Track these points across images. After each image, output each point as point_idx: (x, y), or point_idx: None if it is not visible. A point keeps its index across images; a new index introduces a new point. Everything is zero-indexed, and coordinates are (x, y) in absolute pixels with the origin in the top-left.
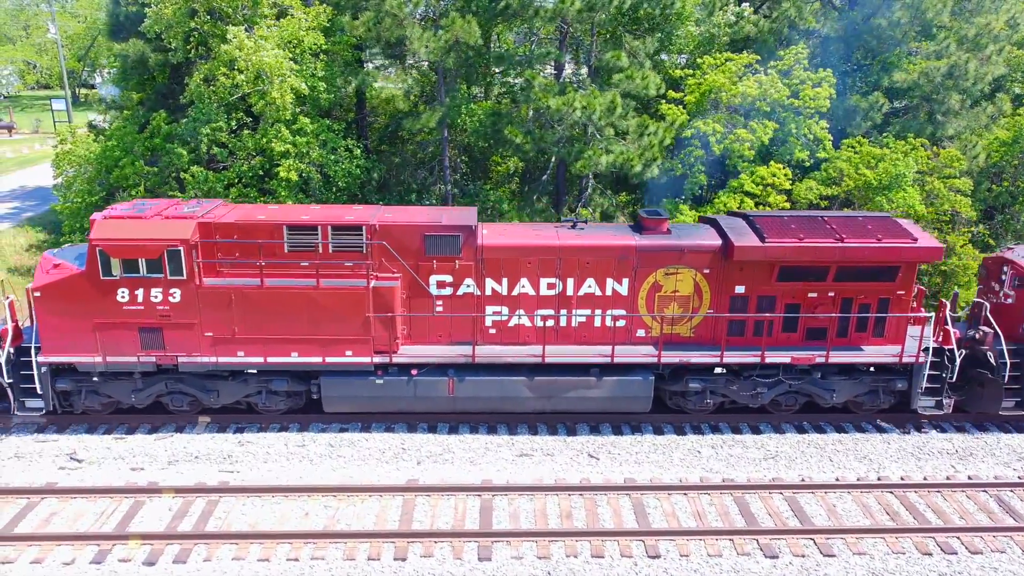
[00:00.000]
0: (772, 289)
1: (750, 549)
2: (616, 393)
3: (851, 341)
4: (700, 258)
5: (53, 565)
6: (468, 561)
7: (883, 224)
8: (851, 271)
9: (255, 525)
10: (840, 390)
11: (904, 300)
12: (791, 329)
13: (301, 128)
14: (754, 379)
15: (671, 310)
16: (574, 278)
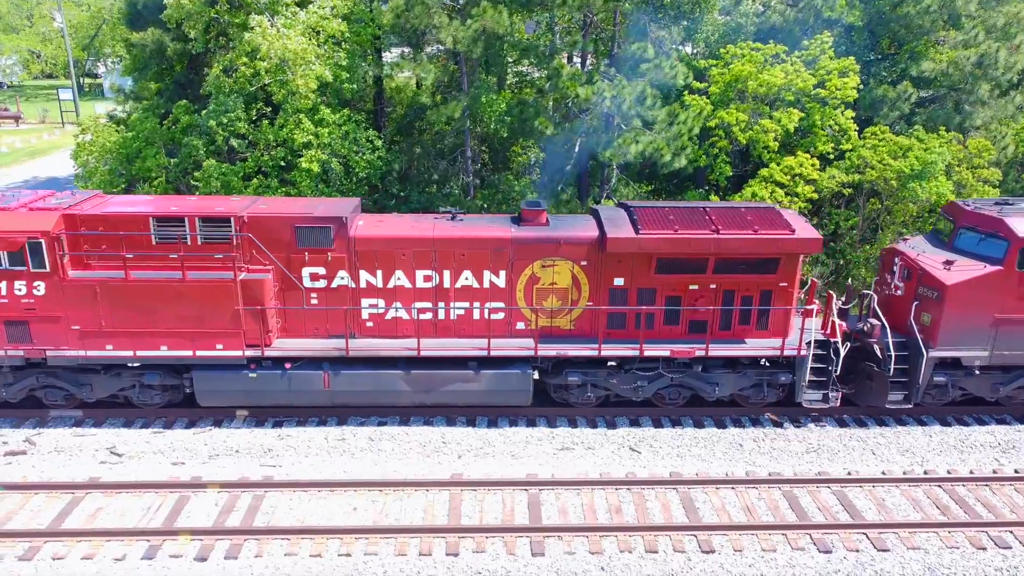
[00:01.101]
0: (651, 281)
1: (804, 544)
2: (494, 386)
3: (735, 334)
4: (577, 250)
5: (104, 561)
6: (521, 556)
7: (764, 215)
8: (730, 263)
9: (303, 520)
10: (724, 383)
11: (787, 292)
12: (673, 322)
13: (323, 118)
14: (634, 372)
15: (550, 303)
16: (450, 270)
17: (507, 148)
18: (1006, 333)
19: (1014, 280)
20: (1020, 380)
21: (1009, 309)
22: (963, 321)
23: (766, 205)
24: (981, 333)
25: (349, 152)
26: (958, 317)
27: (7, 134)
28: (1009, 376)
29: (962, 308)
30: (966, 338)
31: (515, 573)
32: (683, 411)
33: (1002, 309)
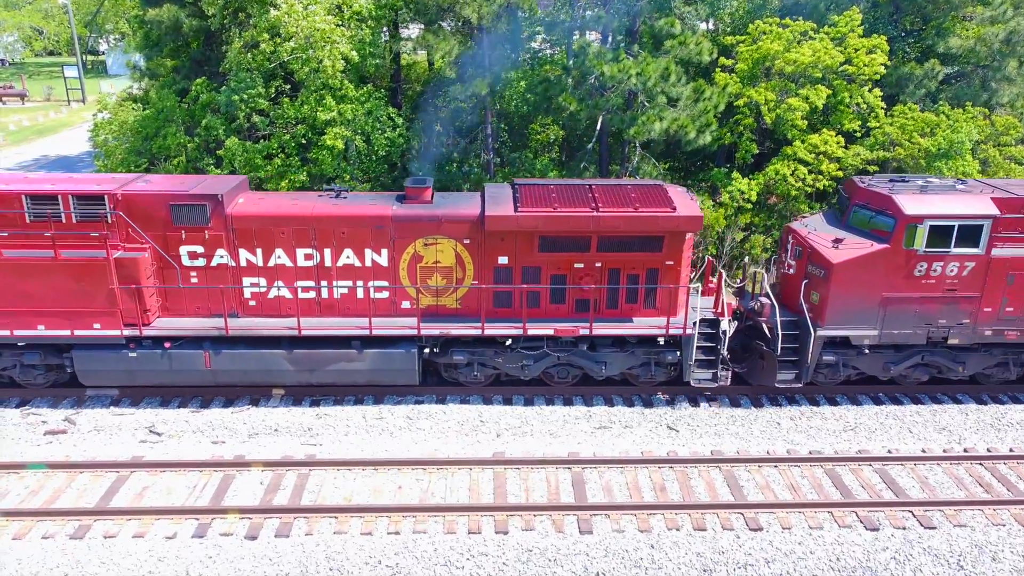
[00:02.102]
0: (535, 260)
1: (850, 521)
2: (379, 366)
3: (622, 312)
4: (459, 228)
5: (155, 539)
6: (570, 534)
7: (648, 192)
8: (613, 241)
9: (350, 499)
10: (612, 362)
11: (674, 270)
12: (559, 300)
13: (346, 95)
14: (519, 351)
15: (434, 281)
16: (331, 248)
17: (526, 126)
18: (895, 312)
19: (901, 258)
20: (912, 359)
21: (897, 288)
22: (851, 300)
23: (653, 183)
24: (870, 312)
25: (372, 130)
26: (845, 296)
27: (13, 112)
28: (901, 355)
29: (849, 287)
30: (854, 317)
31: (565, 551)
32: (720, 389)
33: (890, 288)
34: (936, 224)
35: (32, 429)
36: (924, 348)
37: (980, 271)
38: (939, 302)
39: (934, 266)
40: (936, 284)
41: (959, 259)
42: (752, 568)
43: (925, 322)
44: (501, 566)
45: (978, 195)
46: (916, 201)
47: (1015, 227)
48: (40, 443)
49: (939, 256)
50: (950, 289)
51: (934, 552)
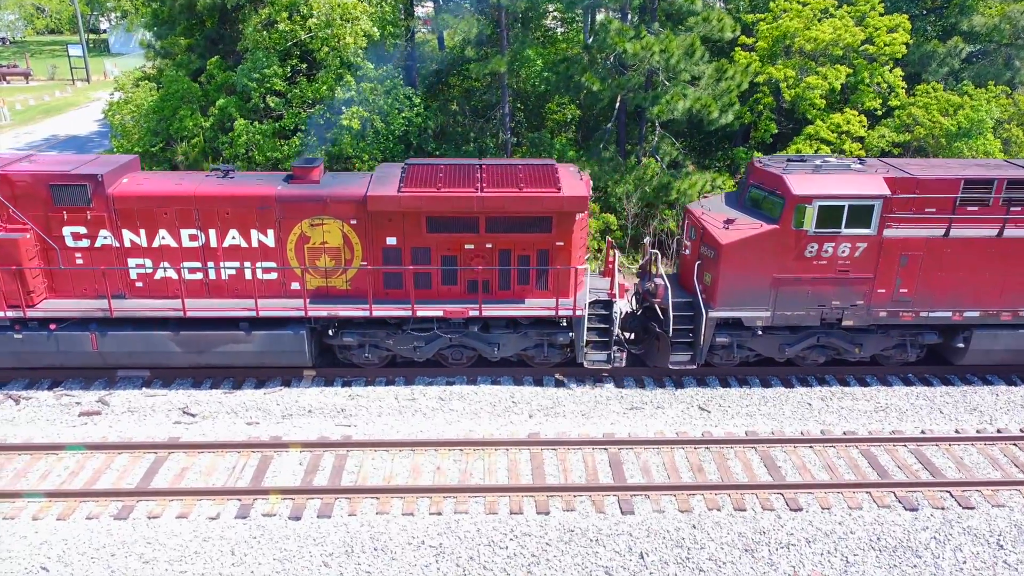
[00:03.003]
0: (425, 241)
1: (889, 502)
2: (267, 347)
3: (514, 294)
4: (345, 208)
5: (199, 520)
6: (611, 515)
7: (537, 173)
8: (501, 222)
9: (390, 479)
10: (505, 344)
11: (565, 251)
12: (451, 282)
13: (365, 74)
14: (410, 333)
15: (323, 262)
16: (216, 229)
17: (542, 105)
18: (787, 293)
19: (791, 239)
20: (807, 340)
21: (788, 269)
22: (741, 281)
23: (545, 162)
24: (761, 293)
25: (391, 109)
26: (735, 277)
27: (18, 91)
28: (797, 336)
29: (739, 267)
30: (746, 298)
31: (607, 531)
32: (749, 371)
33: (781, 269)
34: (825, 204)
35: (66, 410)
36: (820, 329)
37: (872, 252)
38: (832, 283)
39: (825, 247)
40: (828, 265)
41: (850, 240)
42: (794, 548)
43: (818, 303)
44: (544, 546)
45: (871, 175)
46: (805, 181)
47: (909, 207)
48: (75, 424)
49: (830, 237)
50: (842, 270)
51: (973, 532)
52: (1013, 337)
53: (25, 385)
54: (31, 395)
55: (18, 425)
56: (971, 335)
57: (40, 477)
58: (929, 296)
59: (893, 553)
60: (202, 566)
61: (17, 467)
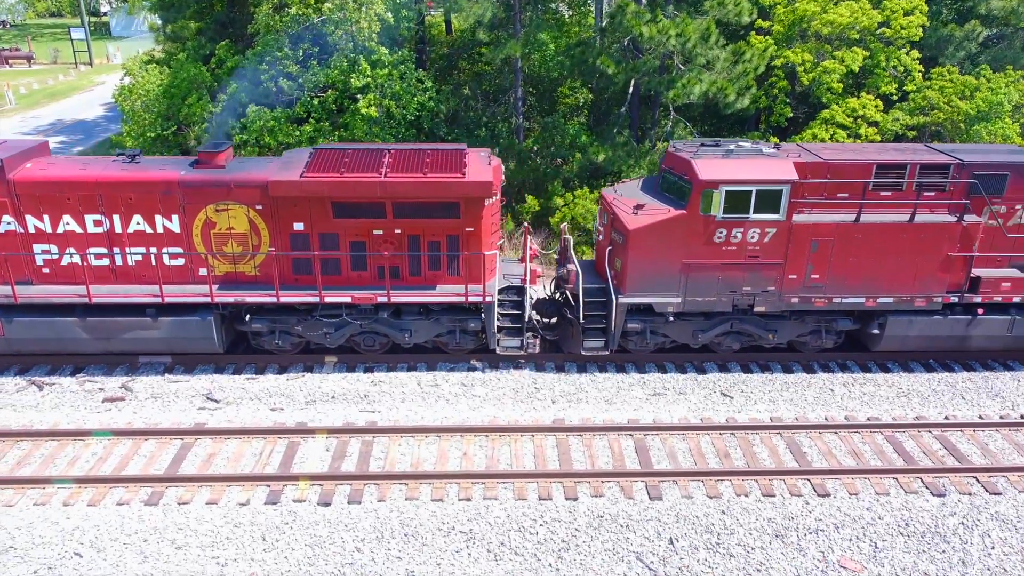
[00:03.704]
0: (332, 226)
1: (916, 487)
2: (175, 333)
3: (425, 280)
4: (249, 194)
5: (229, 505)
6: (640, 501)
7: (444, 157)
8: (407, 207)
9: (418, 465)
10: (417, 330)
11: (475, 236)
12: (361, 267)
13: (380, 59)
14: (319, 319)
15: (230, 248)
16: (120, 215)
17: (554, 89)
18: (697, 279)
19: (699, 225)
20: (721, 327)
21: (698, 255)
22: (650, 266)
23: (456, 147)
24: (671, 279)
25: (405, 94)
26: (644, 262)
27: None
28: (711, 322)
29: (647, 253)
30: (656, 284)
31: (636, 517)
32: (770, 356)
33: (691, 255)
34: (732, 190)
35: (89, 396)
36: (733, 315)
37: (782, 238)
38: (742, 269)
39: (734, 232)
40: (738, 251)
41: (759, 225)
42: (823, 533)
43: (729, 289)
44: (574, 532)
45: (780, 160)
46: (713, 166)
47: (819, 192)
48: (99, 410)
49: (739, 222)
50: (752, 256)
51: (1001, 517)
52: (928, 323)
53: (48, 371)
54: (54, 381)
55: (43, 411)
56: (886, 321)
57: (68, 463)
58: (841, 282)
59: (922, 538)
60: (234, 551)
61: (45, 453)
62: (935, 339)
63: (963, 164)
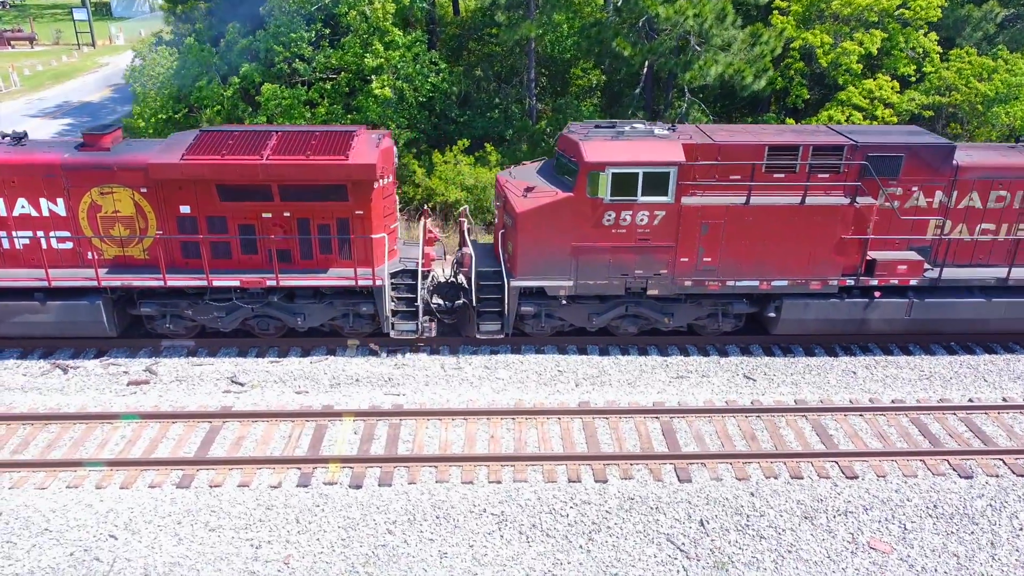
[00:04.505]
0: (219, 210)
1: (944, 470)
2: (64, 318)
3: (317, 263)
4: (133, 177)
5: (261, 488)
6: (669, 483)
7: (332, 140)
8: (294, 190)
9: (447, 448)
10: (310, 314)
11: (365, 220)
12: (252, 251)
13: (394, 40)
14: (209, 303)
15: (118, 231)
16: (4, 198)
17: (567, 71)
18: (588, 262)
19: (587, 207)
20: (616, 310)
21: (588, 237)
22: (540, 249)
23: (347, 129)
24: (562, 262)
25: (418, 76)
26: (534, 245)
27: (24, 56)
28: (606, 306)
29: (537, 236)
30: (547, 267)
31: (666, 499)
32: (792, 339)
33: (580, 237)
34: (619, 172)
35: (114, 379)
36: (628, 299)
37: (672, 220)
38: (633, 252)
39: (623, 215)
40: (627, 234)
41: (648, 208)
42: (852, 515)
43: (621, 272)
44: (604, 514)
45: (669, 142)
46: (599, 148)
47: (711, 174)
48: (124, 393)
49: (627, 205)
50: (643, 239)
51: None
52: (825, 306)
53: (71, 355)
54: (78, 364)
55: (68, 394)
56: (781, 304)
57: (98, 446)
58: (734, 265)
59: (950, 520)
60: (267, 533)
61: (74, 436)
62: (833, 322)
63: (856, 146)
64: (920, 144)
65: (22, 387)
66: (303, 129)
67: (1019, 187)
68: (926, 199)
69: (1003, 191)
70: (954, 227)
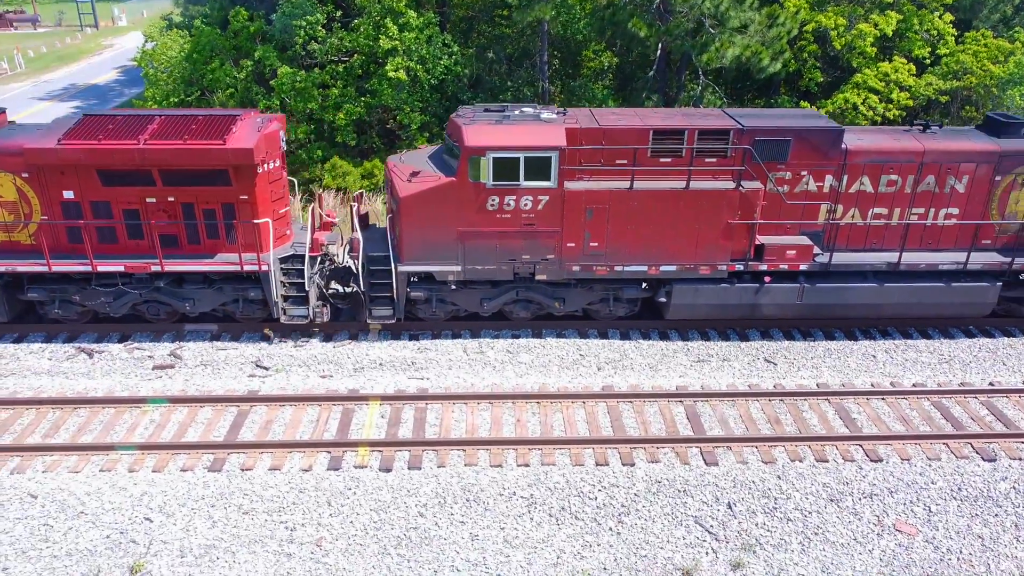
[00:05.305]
0: (102, 194)
1: (967, 453)
2: None
3: (205, 248)
4: (13, 161)
5: (292, 472)
6: (696, 467)
7: (213, 123)
8: (175, 175)
9: (474, 431)
10: (200, 299)
11: (249, 205)
12: (138, 236)
13: (408, 23)
14: (96, 288)
15: (1, 216)
16: None
17: (579, 53)
18: (474, 247)
19: (470, 192)
20: (507, 295)
21: (472, 222)
22: (426, 234)
23: (231, 112)
24: (448, 247)
25: (431, 58)
26: (418, 230)
27: (27, 38)
28: (497, 290)
29: (421, 221)
30: (433, 252)
31: (693, 482)
32: (812, 323)
33: (465, 222)
34: (500, 156)
35: (139, 364)
36: (518, 283)
37: (556, 205)
38: (520, 237)
39: (507, 200)
40: (513, 219)
41: (532, 193)
42: (877, 498)
43: (509, 257)
44: (633, 497)
45: (552, 126)
46: (481, 132)
47: (596, 159)
48: (150, 377)
49: (510, 190)
50: (528, 224)
51: None
52: (715, 291)
53: (95, 339)
54: (103, 348)
55: (95, 378)
56: (672, 289)
57: (128, 430)
58: (622, 250)
59: (975, 503)
60: (301, 516)
61: (103, 420)
62: (725, 307)
63: (743, 130)
64: (807, 128)
65: (48, 371)
66: (188, 113)
67: (910, 171)
68: (816, 184)
69: (894, 175)
70: (846, 212)
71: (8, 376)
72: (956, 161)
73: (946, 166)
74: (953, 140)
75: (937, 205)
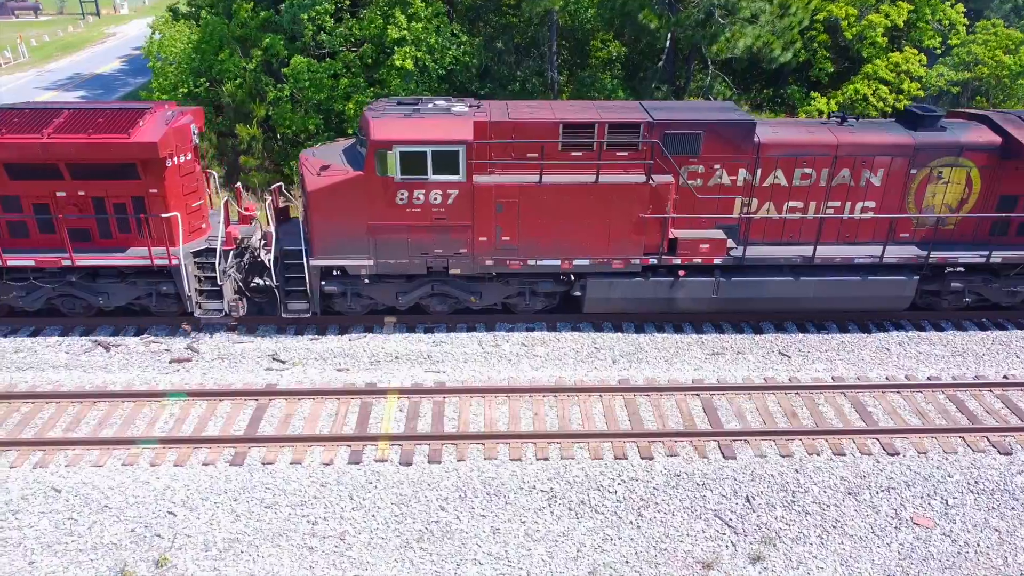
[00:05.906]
0: (11, 189)
1: (983, 446)
2: None
3: (117, 242)
4: None
5: (313, 465)
6: (714, 460)
7: (120, 117)
8: (83, 169)
9: (491, 425)
10: (114, 293)
11: (159, 198)
12: (49, 230)
13: (416, 12)
14: (7, 283)
15: None
16: None
17: (587, 43)
18: (385, 241)
19: (378, 186)
20: (422, 289)
21: (383, 216)
22: (336, 228)
23: (144, 105)
24: (360, 241)
25: (440, 47)
26: (328, 224)
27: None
28: (412, 284)
29: (329, 215)
30: (344, 246)
31: (712, 475)
32: (825, 316)
33: (375, 216)
34: (407, 150)
35: (156, 357)
36: (434, 278)
37: (466, 199)
38: (430, 231)
39: (416, 194)
40: (423, 213)
41: (441, 187)
42: (894, 491)
43: (421, 251)
44: (652, 490)
45: (459, 120)
46: (388, 126)
47: (507, 152)
48: (168, 371)
49: (419, 184)
50: (439, 218)
51: None
52: (629, 285)
53: (112, 332)
54: (120, 341)
55: (112, 372)
56: (586, 283)
57: (148, 424)
58: (534, 244)
59: (991, 496)
60: (323, 510)
61: (123, 414)
62: (640, 301)
63: (653, 123)
64: (718, 121)
65: (66, 365)
66: (97, 106)
67: (824, 164)
68: (730, 177)
69: (808, 168)
70: (760, 205)
71: (26, 370)
72: (871, 154)
73: (861, 159)
74: (868, 133)
75: (853, 199)
